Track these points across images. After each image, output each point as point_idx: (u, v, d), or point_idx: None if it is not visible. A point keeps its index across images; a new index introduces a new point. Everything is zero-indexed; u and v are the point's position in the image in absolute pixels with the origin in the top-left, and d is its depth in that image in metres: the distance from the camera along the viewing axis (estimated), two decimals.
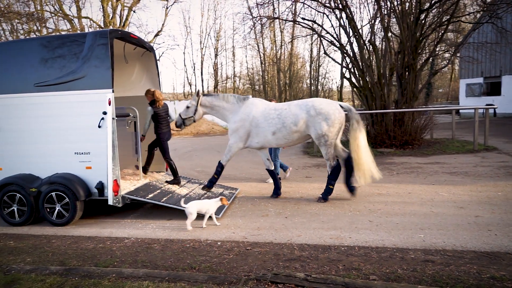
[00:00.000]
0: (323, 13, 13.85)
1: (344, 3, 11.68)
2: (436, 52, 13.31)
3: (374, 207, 5.56)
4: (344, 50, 12.59)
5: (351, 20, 11.99)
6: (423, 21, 11.65)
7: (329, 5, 12.37)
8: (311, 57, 34.99)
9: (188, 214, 4.91)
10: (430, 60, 17.01)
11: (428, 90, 29.31)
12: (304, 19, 13.25)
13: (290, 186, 7.21)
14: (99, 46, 5.30)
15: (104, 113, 5.24)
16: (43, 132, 5.53)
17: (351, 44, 12.33)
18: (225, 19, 72.03)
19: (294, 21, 15.46)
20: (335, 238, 4.36)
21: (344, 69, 13.33)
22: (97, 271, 3.59)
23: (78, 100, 5.37)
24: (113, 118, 5.26)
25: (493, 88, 22.11)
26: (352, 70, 12.71)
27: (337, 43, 12.78)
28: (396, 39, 13.61)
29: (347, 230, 4.61)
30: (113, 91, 5.31)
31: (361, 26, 15.50)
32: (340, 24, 12.50)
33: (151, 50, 7.12)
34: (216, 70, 36.41)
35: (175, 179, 6.56)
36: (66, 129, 5.44)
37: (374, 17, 12.47)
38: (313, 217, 5.23)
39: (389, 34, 12.48)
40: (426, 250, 3.87)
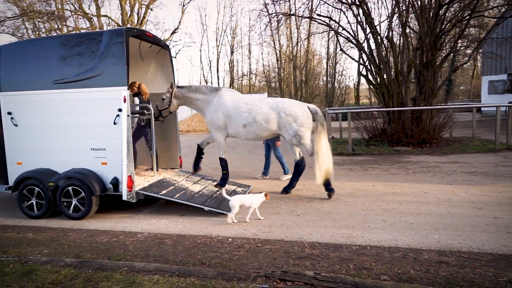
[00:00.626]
0: (340, 10, 13.68)
1: None
2: (457, 48, 12.94)
3: (388, 207, 5.46)
4: (361, 47, 12.39)
5: (368, 16, 11.78)
6: (443, 16, 11.33)
7: (346, 1, 12.19)
8: (328, 54, 34.67)
9: (232, 207, 4.98)
10: (451, 56, 16.56)
11: (448, 87, 28.57)
12: (320, 16, 13.10)
13: (304, 184, 7.16)
14: (115, 45, 5.38)
15: (120, 110, 5.33)
16: (61, 129, 5.66)
17: (368, 41, 12.13)
18: (241, 16, 72.04)
19: (310, 18, 15.29)
20: (347, 237, 4.31)
21: (361, 66, 13.11)
22: (110, 264, 3.67)
23: (94, 97, 5.48)
24: (128, 115, 5.34)
25: None
26: (369, 67, 12.50)
27: (354, 40, 12.59)
28: (415, 35, 13.30)
29: (360, 229, 4.55)
30: (128, 89, 5.39)
31: (379, 22, 15.24)
32: (357, 21, 12.31)
33: (166, 48, 7.19)
34: (232, 67, 36.57)
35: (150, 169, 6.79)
36: (83, 126, 5.56)
37: (392, 13, 12.21)
38: (326, 216, 5.19)
39: (407, 30, 12.19)
40: (441, 251, 3.78)
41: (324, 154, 5.98)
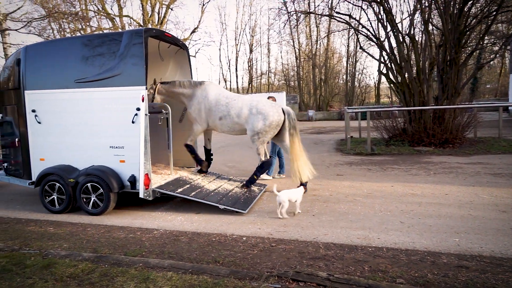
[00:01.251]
0: (360, 7, 13.46)
1: None
2: (482, 45, 12.47)
3: (407, 208, 5.33)
4: (381, 45, 12.13)
5: (389, 13, 11.52)
6: (468, 12, 10.94)
7: None
8: (348, 52, 34.13)
9: (282, 202, 5.08)
10: (476, 54, 15.98)
11: (474, 86, 27.61)
12: (340, 13, 12.92)
13: (320, 184, 7.08)
14: (135, 45, 5.47)
15: (138, 109, 5.42)
16: (82, 126, 5.82)
17: (389, 39, 11.85)
18: (260, 15, 71.93)
19: (330, 16, 15.12)
20: (363, 238, 4.23)
21: (381, 65, 12.83)
22: (126, 260, 3.74)
23: (114, 96, 5.60)
24: (146, 114, 5.43)
25: None
26: (389, 66, 12.23)
27: (374, 38, 12.35)
28: (438, 32, 12.91)
29: (376, 231, 4.46)
30: (147, 88, 5.48)
31: (400, 20, 14.88)
32: (378, 18, 12.06)
33: (184, 48, 7.27)
34: (251, 66, 36.57)
35: None
36: (103, 124, 5.69)
37: (414, 10, 11.90)
38: (341, 216, 5.11)
39: (430, 27, 11.85)
40: (461, 255, 3.65)
41: (299, 156, 6.12)
